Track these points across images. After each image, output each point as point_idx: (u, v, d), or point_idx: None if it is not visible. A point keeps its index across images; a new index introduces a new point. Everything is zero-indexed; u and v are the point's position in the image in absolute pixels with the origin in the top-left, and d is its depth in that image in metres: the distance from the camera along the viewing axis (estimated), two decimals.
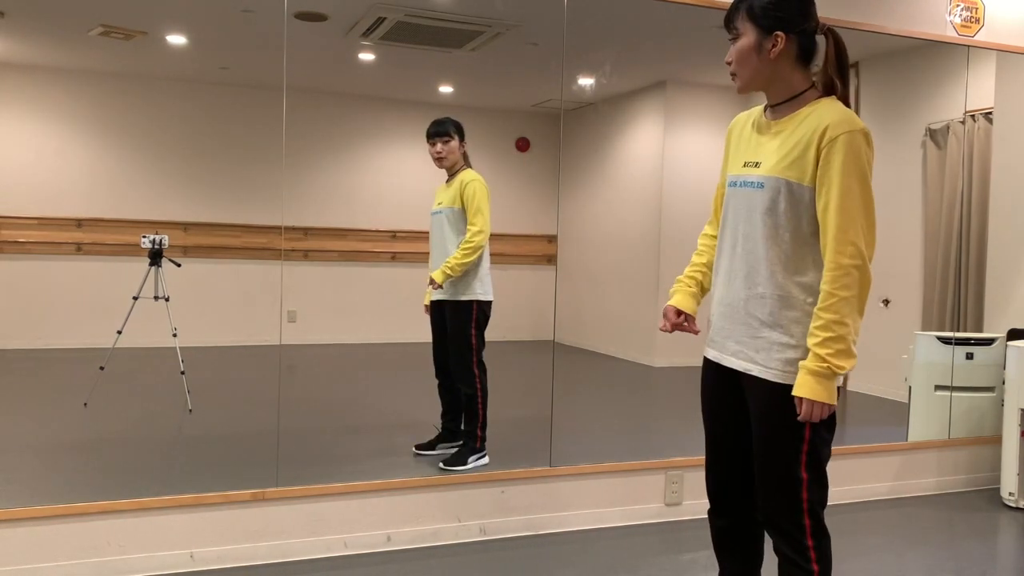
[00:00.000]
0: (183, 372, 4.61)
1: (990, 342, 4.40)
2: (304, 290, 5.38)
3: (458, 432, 3.95)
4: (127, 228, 5.18)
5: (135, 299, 4.59)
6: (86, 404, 4.55)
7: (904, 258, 4.89)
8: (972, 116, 4.58)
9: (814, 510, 2.02)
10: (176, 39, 5.34)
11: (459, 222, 3.85)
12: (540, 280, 5.64)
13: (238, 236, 5.41)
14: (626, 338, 5.85)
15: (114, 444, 4.08)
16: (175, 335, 4.63)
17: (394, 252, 5.53)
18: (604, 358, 5.93)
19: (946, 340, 4.38)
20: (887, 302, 4.79)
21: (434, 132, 3.87)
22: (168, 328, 4.62)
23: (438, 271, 3.79)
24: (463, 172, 3.88)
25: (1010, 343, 4.13)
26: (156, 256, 4.60)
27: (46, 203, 5.02)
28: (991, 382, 4.40)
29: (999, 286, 4.61)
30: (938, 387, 4.39)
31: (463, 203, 3.83)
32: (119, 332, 4.61)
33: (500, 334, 4.09)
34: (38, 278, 5.02)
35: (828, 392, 1.92)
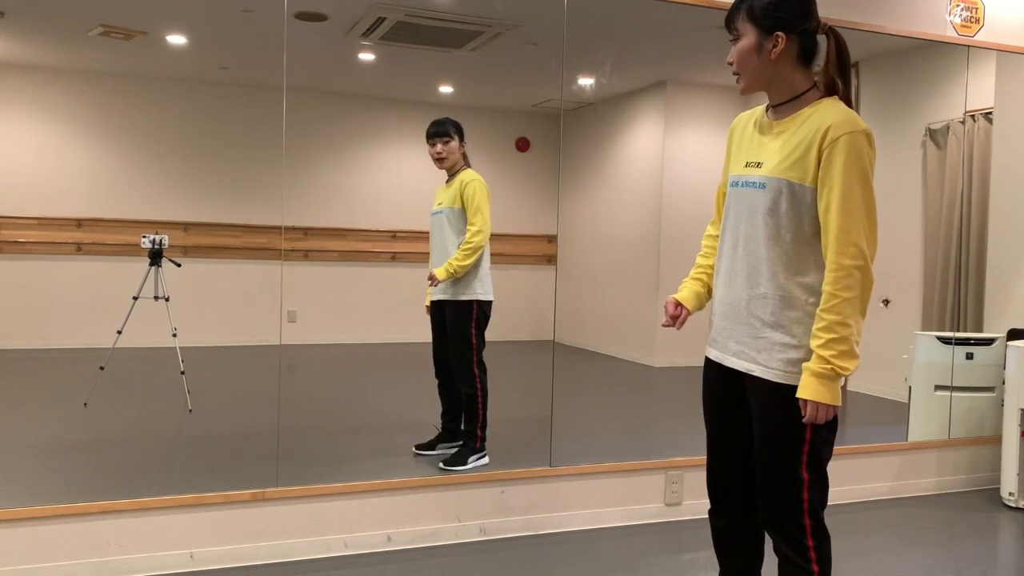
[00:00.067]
0: (183, 372, 4.61)
1: (990, 342, 4.40)
2: (304, 290, 5.38)
3: (458, 432, 3.95)
4: (127, 228, 5.18)
5: (135, 299, 4.59)
6: (86, 404, 4.54)
7: (904, 258, 4.89)
8: (972, 116, 4.58)
9: (815, 510, 2.02)
10: (176, 39, 5.34)
11: (459, 222, 3.84)
12: (540, 280, 5.64)
13: (238, 236, 5.41)
14: (626, 338, 5.85)
15: (114, 444, 4.07)
16: (175, 335, 4.62)
17: (394, 252, 5.53)
18: (604, 358, 5.93)
19: (946, 340, 4.38)
20: (887, 302, 4.79)
21: (434, 132, 3.87)
22: (168, 328, 4.62)
23: (440, 268, 3.79)
24: (463, 172, 3.88)
25: (1010, 343, 4.13)
26: (156, 256, 4.60)
27: (46, 203, 5.02)
28: (991, 382, 4.40)
29: (999, 286, 4.61)
30: (938, 387, 4.39)
31: (463, 203, 3.83)
32: (119, 332, 4.60)
33: (500, 334, 4.09)
34: (38, 278, 5.02)
35: (832, 393, 1.93)
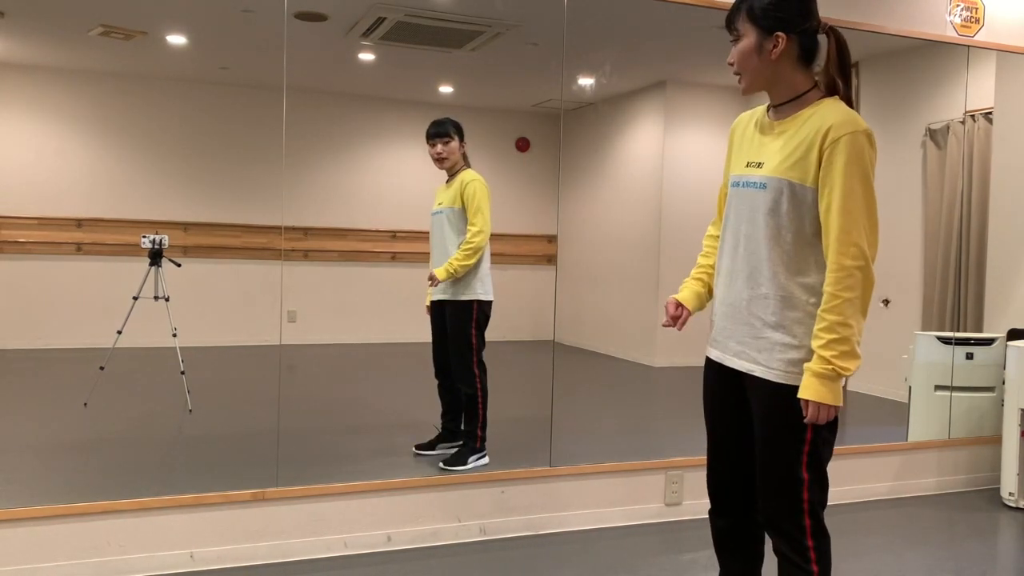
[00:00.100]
0: (183, 372, 4.61)
1: (990, 342, 4.40)
2: (304, 290, 5.38)
3: (458, 432, 3.95)
4: (127, 228, 5.18)
5: (135, 299, 4.59)
6: (86, 404, 4.54)
7: (904, 258, 4.89)
8: (972, 116, 4.58)
9: (814, 511, 2.02)
10: (176, 39, 5.34)
11: (459, 222, 3.84)
12: (540, 280, 5.64)
13: (238, 236, 5.41)
14: (626, 338, 5.85)
15: (114, 444, 4.07)
16: (175, 335, 4.62)
17: (394, 252, 5.53)
18: (604, 358, 5.93)
19: (946, 340, 4.38)
20: (887, 302, 4.79)
21: (434, 133, 3.87)
22: (168, 328, 4.62)
23: (441, 268, 3.79)
24: (463, 172, 3.88)
25: (1010, 343, 4.13)
26: (156, 256, 4.60)
27: (46, 203, 5.02)
28: (991, 382, 4.40)
29: (999, 286, 4.61)
30: (938, 387, 4.39)
31: (463, 203, 3.82)
32: (119, 332, 4.60)
33: (500, 334, 4.09)
34: (38, 278, 5.02)
35: (833, 394, 1.93)
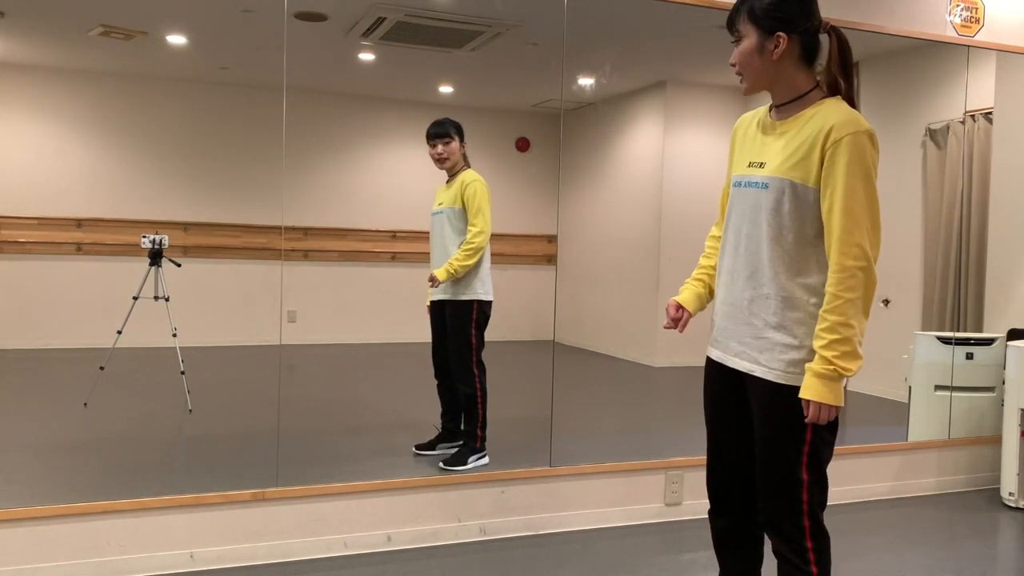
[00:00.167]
0: (183, 372, 4.61)
1: (990, 342, 4.40)
2: (304, 290, 5.38)
3: (458, 432, 3.95)
4: (127, 228, 5.18)
5: (135, 299, 4.59)
6: (86, 404, 4.54)
7: (904, 258, 4.89)
8: (972, 116, 4.58)
9: (814, 512, 2.02)
10: (176, 39, 5.34)
11: (460, 222, 3.84)
12: (540, 280, 5.64)
13: (238, 236, 5.41)
14: (626, 338, 5.85)
15: (114, 444, 4.07)
16: (175, 335, 4.62)
17: (394, 252, 5.53)
18: (604, 358, 5.93)
19: (946, 340, 4.38)
20: (887, 302, 4.79)
21: (434, 133, 3.87)
22: (168, 328, 4.62)
23: (441, 269, 3.79)
24: (464, 172, 3.88)
25: (1010, 343, 4.13)
26: (156, 256, 4.60)
27: (46, 203, 5.02)
28: (991, 382, 4.40)
29: (999, 286, 4.61)
30: (938, 387, 4.39)
31: (464, 203, 3.82)
32: (119, 332, 4.60)
33: (500, 334, 4.09)
34: (38, 278, 5.02)
35: (835, 394, 1.92)
